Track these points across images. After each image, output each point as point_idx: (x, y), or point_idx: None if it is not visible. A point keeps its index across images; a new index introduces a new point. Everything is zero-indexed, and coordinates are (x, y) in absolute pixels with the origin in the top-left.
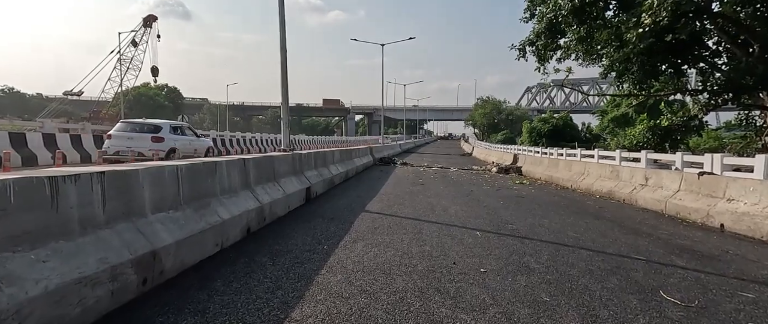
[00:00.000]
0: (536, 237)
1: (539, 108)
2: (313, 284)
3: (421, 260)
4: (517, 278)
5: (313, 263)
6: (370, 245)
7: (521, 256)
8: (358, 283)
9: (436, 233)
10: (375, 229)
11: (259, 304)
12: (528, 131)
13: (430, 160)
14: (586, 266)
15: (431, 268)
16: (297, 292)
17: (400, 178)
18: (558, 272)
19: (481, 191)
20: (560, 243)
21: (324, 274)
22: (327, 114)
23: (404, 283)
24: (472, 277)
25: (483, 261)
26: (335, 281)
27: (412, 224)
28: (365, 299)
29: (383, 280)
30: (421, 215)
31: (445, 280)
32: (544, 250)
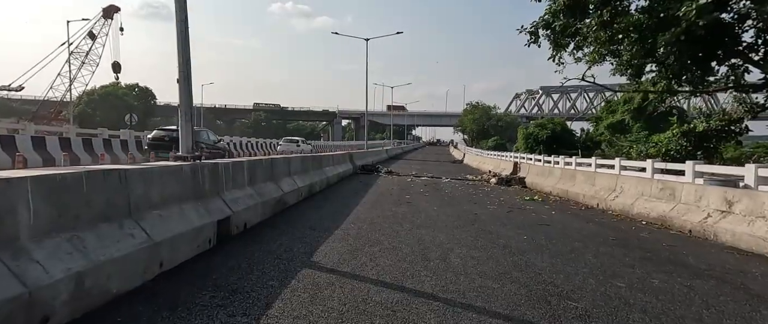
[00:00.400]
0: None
1: (528, 115)
2: None
3: None
4: None
5: None
6: None
7: None
8: None
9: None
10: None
11: None
12: (524, 137)
13: (419, 167)
14: None
15: None
16: None
17: (383, 191)
18: None
19: (487, 214)
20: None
21: None
22: (313, 118)
23: None
24: None
25: None
26: None
27: (387, 306)
28: None
29: None
30: (406, 274)
31: None
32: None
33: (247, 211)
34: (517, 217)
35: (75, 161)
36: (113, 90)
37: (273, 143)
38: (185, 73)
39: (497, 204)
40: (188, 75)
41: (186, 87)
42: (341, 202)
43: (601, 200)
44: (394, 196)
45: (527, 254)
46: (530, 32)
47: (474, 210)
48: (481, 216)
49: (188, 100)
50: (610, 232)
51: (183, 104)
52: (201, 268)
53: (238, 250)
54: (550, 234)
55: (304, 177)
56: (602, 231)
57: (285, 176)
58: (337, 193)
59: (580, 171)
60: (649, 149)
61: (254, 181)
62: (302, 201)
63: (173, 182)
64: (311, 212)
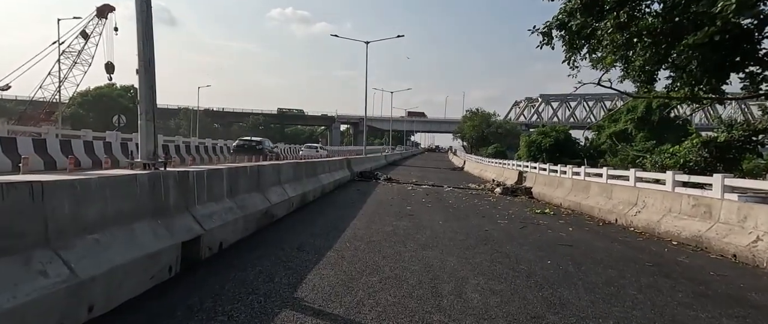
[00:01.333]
0: None
1: (527, 122)
2: None
3: None
4: None
5: None
6: None
7: None
8: None
9: None
10: None
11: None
12: (526, 145)
13: (419, 174)
14: None
15: None
16: None
17: (382, 201)
18: None
19: (499, 230)
20: None
21: None
22: (311, 122)
23: None
24: None
25: None
26: None
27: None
28: None
29: None
30: (415, 319)
31: None
32: None
33: (223, 229)
34: (532, 234)
35: (50, 165)
36: (107, 91)
37: None
38: (147, 62)
39: (507, 218)
40: (150, 64)
41: (147, 79)
42: (336, 214)
43: (621, 215)
44: (395, 206)
45: (558, 287)
46: (543, 33)
47: (483, 225)
48: (493, 233)
49: (150, 94)
50: (642, 255)
51: (144, 99)
52: (150, 310)
53: (205, 281)
54: (576, 258)
55: (296, 185)
56: (633, 254)
57: (274, 185)
58: (332, 203)
59: (594, 182)
60: (665, 160)
61: (236, 192)
62: (293, 212)
63: (121, 197)
64: (302, 227)
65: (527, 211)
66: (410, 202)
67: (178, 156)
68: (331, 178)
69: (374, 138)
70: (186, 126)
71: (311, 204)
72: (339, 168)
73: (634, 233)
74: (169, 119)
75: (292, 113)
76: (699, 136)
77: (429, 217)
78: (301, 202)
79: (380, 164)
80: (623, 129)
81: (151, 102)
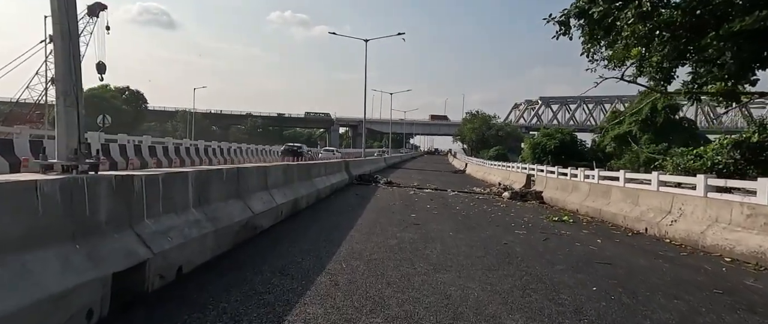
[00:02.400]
0: None
1: (527, 125)
2: None
3: None
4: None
5: None
6: None
7: None
8: None
9: None
10: None
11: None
12: (531, 147)
13: (420, 178)
14: None
15: None
16: None
17: (383, 207)
18: None
19: (519, 242)
20: None
21: None
22: (310, 125)
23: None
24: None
25: None
26: None
27: None
28: None
29: None
30: None
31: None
32: None
33: (183, 249)
34: (559, 248)
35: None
36: (100, 92)
37: (267, 149)
38: (65, 29)
39: (524, 226)
40: (72, 33)
41: (65, 49)
42: (331, 224)
43: (651, 224)
44: (397, 214)
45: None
46: (560, 22)
47: (500, 236)
48: (514, 247)
49: (71, 70)
50: (700, 277)
51: (62, 77)
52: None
53: None
54: (624, 282)
55: (286, 191)
56: (689, 275)
57: (258, 191)
58: (328, 210)
59: (615, 187)
60: (688, 162)
61: (207, 201)
62: (283, 221)
63: (7, 215)
64: (290, 241)
65: (543, 219)
66: (414, 208)
67: (166, 158)
68: (328, 181)
69: (373, 140)
70: (183, 128)
71: (304, 211)
72: (336, 171)
73: (672, 246)
74: (166, 121)
75: (291, 116)
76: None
77: (437, 227)
78: (292, 210)
79: (380, 167)
80: (628, 131)
81: (72, 81)
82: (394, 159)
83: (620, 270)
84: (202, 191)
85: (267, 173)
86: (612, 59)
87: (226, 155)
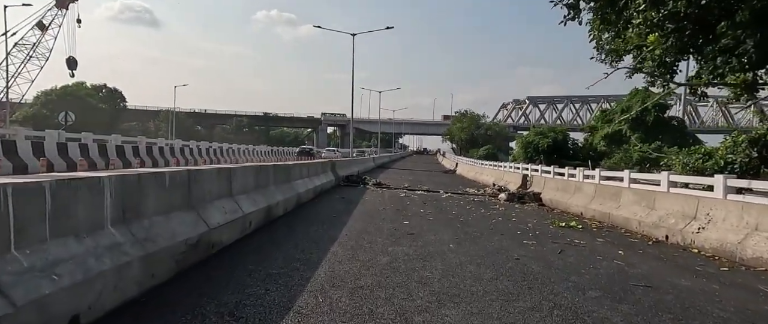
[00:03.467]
0: None
1: (515, 124)
2: None
3: None
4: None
5: None
6: None
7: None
8: None
9: None
10: None
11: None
12: (522, 146)
13: (411, 178)
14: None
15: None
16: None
17: (372, 213)
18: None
19: (533, 257)
20: None
21: None
22: (297, 124)
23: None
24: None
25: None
26: None
27: None
28: None
29: None
30: None
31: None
32: None
33: (80, 289)
34: (580, 263)
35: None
36: (75, 90)
37: (254, 150)
38: None
39: (531, 235)
40: None
41: None
42: (311, 236)
43: (673, 231)
44: (388, 221)
45: None
46: (568, 5)
47: (509, 249)
48: (529, 264)
49: None
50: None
51: None
52: None
53: None
54: (679, 314)
55: (257, 197)
56: (751, 302)
57: (219, 198)
58: (308, 218)
59: (626, 189)
60: (696, 161)
61: (137, 215)
62: (252, 234)
63: None
64: (254, 262)
65: (549, 225)
66: (406, 213)
67: (136, 159)
68: (311, 184)
69: (362, 140)
70: (166, 128)
71: (281, 219)
72: (321, 172)
73: (705, 258)
74: (149, 121)
75: (278, 115)
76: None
77: (435, 237)
78: (265, 218)
79: (368, 167)
80: (617, 130)
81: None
82: (383, 159)
83: (667, 296)
84: (129, 203)
85: (232, 176)
86: (610, 53)
87: (207, 155)
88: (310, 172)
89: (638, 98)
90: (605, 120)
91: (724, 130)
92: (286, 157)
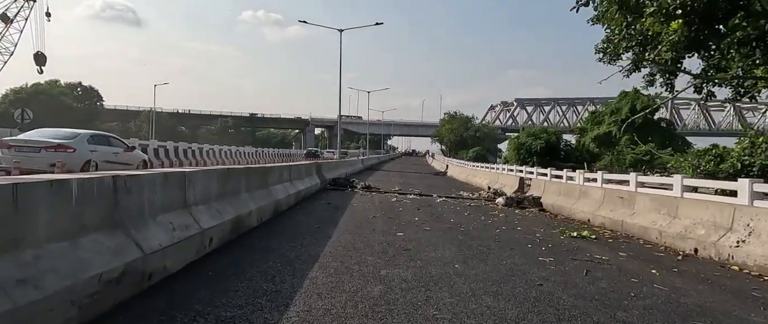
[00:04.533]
0: None
1: (503, 126)
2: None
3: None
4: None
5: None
6: None
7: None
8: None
9: None
10: None
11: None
12: (515, 148)
13: (401, 181)
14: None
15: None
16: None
17: (361, 223)
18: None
19: (556, 280)
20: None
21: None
22: (284, 126)
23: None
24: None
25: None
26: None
27: None
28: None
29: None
30: None
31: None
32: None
33: None
34: (615, 289)
35: None
36: (47, 88)
37: (233, 150)
38: None
39: (544, 248)
40: None
41: None
42: (285, 257)
43: (703, 244)
44: (379, 232)
45: None
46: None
47: (525, 269)
48: (557, 292)
49: None
50: None
51: None
52: None
53: None
54: None
55: (222, 206)
56: None
57: (165, 212)
58: (286, 230)
59: (641, 194)
60: (708, 164)
61: (17, 244)
62: (210, 255)
63: None
64: (197, 303)
65: (560, 235)
66: (399, 221)
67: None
68: (292, 189)
69: (350, 142)
70: (147, 128)
71: (253, 232)
72: (305, 175)
73: (753, 278)
74: (130, 121)
75: (264, 116)
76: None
77: (435, 254)
78: (232, 232)
79: (356, 169)
80: (607, 131)
81: None
82: (372, 160)
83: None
84: (6, 227)
85: (187, 183)
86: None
87: (185, 157)
88: (293, 176)
89: (627, 100)
90: (594, 121)
91: (705, 133)
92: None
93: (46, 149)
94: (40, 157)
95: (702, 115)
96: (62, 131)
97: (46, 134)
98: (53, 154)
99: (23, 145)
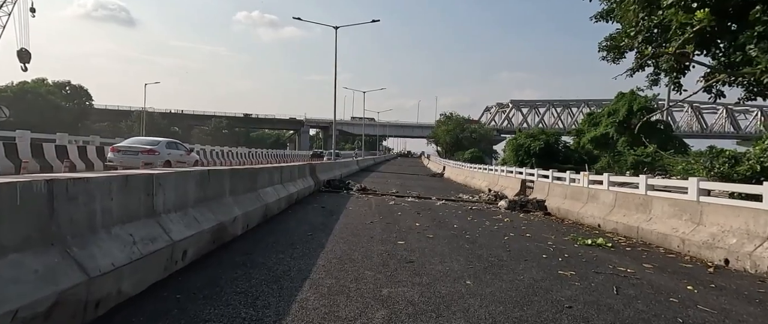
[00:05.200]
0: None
1: (498, 128)
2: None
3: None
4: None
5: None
6: None
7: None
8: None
9: None
10: None
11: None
12: (514, 149)
13: (399, 183)
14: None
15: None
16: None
17: (358, 230)
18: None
19: (586, 300)
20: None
21: None
22: (279, 126)
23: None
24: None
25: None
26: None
27: None
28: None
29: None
30: None
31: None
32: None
33: None
34: (654, 313)
35: None
36: (34, 87)
37: (225, 151)
38: None
39: (560, 259)
40: None
41: None
42: (271, 272)
43: (738, 255)
44: (378, 241)
45: None
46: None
47: (546, 286)
48: (591, 318)
49: None
50: None
51: None
52: None
53: None
54: None
55: (200, 214)
56: None
57: (128, 221)
58: (275, 238)
59: (658, 198)
60: (723, 166)
61: None
62: (182, 272)
63: None
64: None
65: (573, 243)
66: (399, 228)
67: (60, 162)
68: (284, 192)
69: (345, 143)
70: (139, 128)
71: (237, 242)
72: (298, 176)
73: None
74: (121, 121)
75: (258, 117)
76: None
77: (442, 268)
78: (212, 242)
79: (352, 170)
80: (604, 133)
81: None
82: (367, 162)
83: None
84: None
85: (155, 186)
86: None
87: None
88: (284, 178)
89: (625, 101)
90: (592, 123)
91: (698, 135)
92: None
93: (141, 152)
94: (137, 158)
95: (695, 117)
96: (149, 139)
97: (141, 142)
98: (145, 156)
99: (127, 149)
